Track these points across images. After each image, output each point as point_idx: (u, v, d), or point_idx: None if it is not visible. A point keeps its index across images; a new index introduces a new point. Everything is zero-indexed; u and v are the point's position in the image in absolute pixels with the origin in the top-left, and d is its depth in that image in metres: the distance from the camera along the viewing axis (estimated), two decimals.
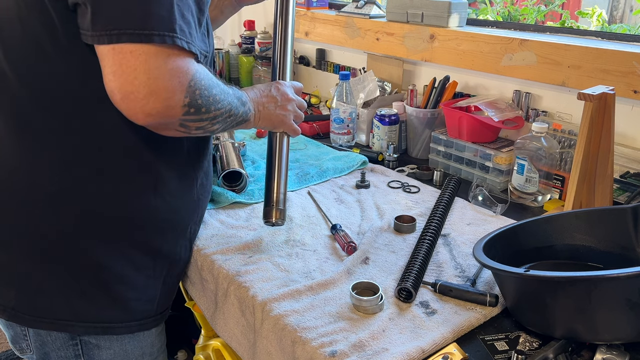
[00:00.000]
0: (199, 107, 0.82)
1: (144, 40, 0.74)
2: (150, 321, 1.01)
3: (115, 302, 0.95)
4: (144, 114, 0.77)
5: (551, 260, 1.01)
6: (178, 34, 0.77)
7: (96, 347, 0.96)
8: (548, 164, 1.29)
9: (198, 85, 0.80)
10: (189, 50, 0.79)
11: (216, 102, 0.85)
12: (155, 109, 0.77)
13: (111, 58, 0.75)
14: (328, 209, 1.26)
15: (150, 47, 0.74)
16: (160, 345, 1.08)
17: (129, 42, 0.73)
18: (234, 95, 0.92)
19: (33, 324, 0.93)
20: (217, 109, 0.86)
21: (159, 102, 0.76)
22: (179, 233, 1.02)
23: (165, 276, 1.02)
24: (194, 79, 0.79)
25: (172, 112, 0.78)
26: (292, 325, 0.87)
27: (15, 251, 0.90)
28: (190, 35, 0.80)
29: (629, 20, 2.58)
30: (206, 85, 0.82)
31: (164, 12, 0.75)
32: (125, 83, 0.75)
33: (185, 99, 0.79)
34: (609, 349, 0.77)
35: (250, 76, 2.22)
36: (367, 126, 1.69)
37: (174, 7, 0.76)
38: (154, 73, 0.75)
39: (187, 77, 0.78)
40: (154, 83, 0.75)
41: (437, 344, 0.83)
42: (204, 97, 0.82)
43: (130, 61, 0.74)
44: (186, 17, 0.79)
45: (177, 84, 0.77)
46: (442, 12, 1.63)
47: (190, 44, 0.79)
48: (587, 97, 1.07)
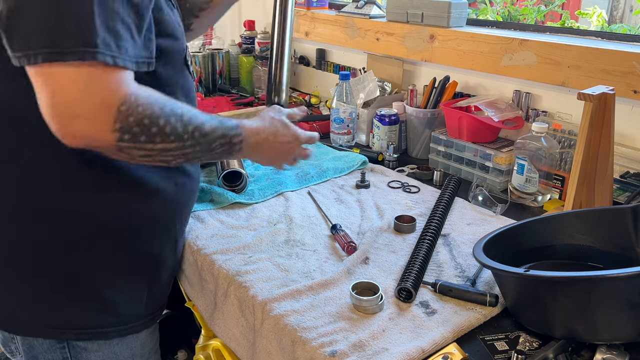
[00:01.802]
0: (136, 135, 0.75)
1: (59, 59, 0.69)
2: (140, 324, 1.01)
3: (103, 307, 0.94)
4: (70, 136, 0.73)
5: (551, 260, 1.01)
6: (100, 48, 0.71)
7: (84, 350, 0.95)
8: (548, 164, 1.29)
9: (132, 111, 0.74)
10: (118, 65, 0.73)
11: (164, 134, 0.77)
12: (80, 132, 0.73)
13: (36, 81, 0.72)
14: (328, 209, 1.26)
15: (70, 66, 0.70)
16: (152, 346, 1.07)
17: (46, 62, 0.69)
18: (212, 130, 0.84)
19: (21, 331, 0.93)
20: (168, 141, 0.78)
21: (83, 125, 0.72)
22: (162, 235, 1.00)
23: (151, 278, 1.01)
24: (125, 103, 0.73)
25: (102, 136, 0.73)
26: (292, 325, 0.87)
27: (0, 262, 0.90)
28: (119, 48, 0.73)
29: (629, 20, 2.58)
30: (146, 113, 0.75)
31: (80, 26, 0.70)
32: (49, 106, 0.71)
33: (115, 123, 0.73)
34: (609, 349, 0.77)
35: (250, 76, 2.22)
36: (367, 126, 1.69)
37: (94, 19, 0.71)
38: (76, 95, 0.71)
39: (115, 99, 0.73)
40: (76, 106, 0.71)
41: (437, 344, 0.83)
42: (141, 125, 0.75)
43: (51, 84, 0.70)
44: (113, 28, 0.73)
45: (103, 107, 0.72)
46: (442, 12, 1.63)
47: (116, 58, 0.72)
48: (587, 97, 1.07)
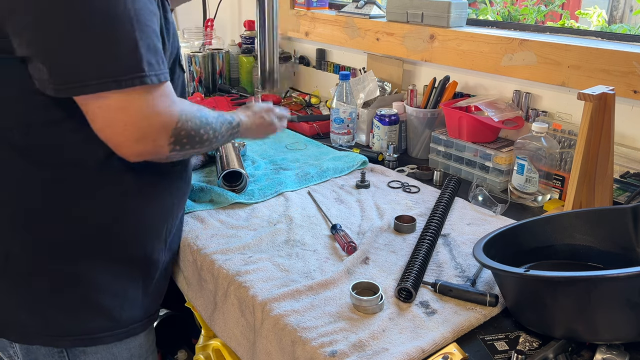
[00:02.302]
0: (184, 145, 0.86)
1: (113, 87, 0.74)
2: (137, 326, 1.01)
3: (99, 313, 0.95)
4: (135, 156, 0.83)
5: (551, 260, 1.01)
6: (147, 71, 0.77)
7: (82, 353, 0.96)
8: (548, 164, 1.29)
9: (184, 126, 0.84)
10: (161, 81, 0.80)
11: (202, 141, 0.89)
12: (146, 151, 0.82)
13: (95, 113, 0.77)
14: (328, 209, 1.26)
15: (126, 96, 0.76)
16: (149, 346, 1.07)
17: (97, 91, 0.74)
18: (225, 131, 0.97)
19: (19, 339, 0.94)
20: (204, 146, 0.91)
21: (147, 145, 0.81)
22: (152, 239, 1.01)
23: (144, 281, 1.01)
24: (180, 121, 0.83)
25: (160, 151, 0.83)
26: (292, 325, 0.87)
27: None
28: (158, 64, 0.80)
29: (629, 20, 2.58)
30: (192, 127, 0.86)
31: (128, 51, 0.75)
32: (114, 135, 0.79)
33: (171, 138, 0.83)
34: (609, 349, 0.77)
35: (250, 76, 2.22)
36: (367, 126, 1.69)
37: (138, 41, 0.76)
38: (140, 123, 0.78)
39: (172, 120, 0.82)
40: (141, 131, 0.79)
41: (437, 344, 0.83)
42: (189, 137, 0.86)
43: (115, 116, 0.77)
44: (152, 46, 0.79)
45: (163, 129, 0.81)
46: (442, 12, 1.63)
47: (159, 75, 0.79)
48: (587, 97, 1.06)
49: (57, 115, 0.82)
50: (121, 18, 0.74)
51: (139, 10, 0.76)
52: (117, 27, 0.74)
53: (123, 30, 0.74)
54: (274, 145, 1.68)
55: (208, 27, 2.27)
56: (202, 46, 2.27)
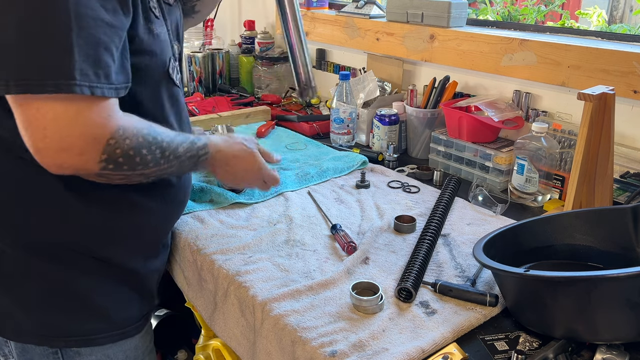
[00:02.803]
0: (119, 165, 0.78)
1: (35, 91, 0.69)
2: (132, 328, 1.01)
3: (92, 314, 0.95)
4: (56, 167, 0.75)
5: (551, 260, 1.01)
6: (78, 79, 0.70)
7: (77, 354, 0.95)
8: (548, 164, 1.29)
9: (120, 144, 0.76)
10: (96, 94, 0.72)
11: (145, 163, 0.81)
12: (68, 163, 0.74)
13: (20, 113, 0.72)
14: (328, 209, 1.26)
15: (50, 99, 0.70)
16: (145, 348, 1.06)
17: (21, 93, 0.70)
18: (184, 152, 0.87)
19: (13, 337, 0.94)
20: (147, 167, 0.82)
21: (71, 157, 0.73)
22: (146, 243, 1.01)
23: (138, 284, 1.01)
24: (114, 137, 0.75)
25: (87, 166, 0.76)
26: (292, 325, 0.87)
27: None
28: (99, 76, 0.72)
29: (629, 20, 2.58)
30: (131, 145, 0.78)
31: (58, 57, 0.69)
32: (36, 140, 0.72)
33: (103, 155, 0.75)
34: (609, 349, 0.77)
35: (250, 76, 2.22)
36: (367, 126, 1.69)
37: (73, 49, 0.70)
38: (64, 131, 0.71)
39: (104, 134, 0.74)
40: (65, 141, 0.72)
41: (437, 344, 0.83)
42: (127, 157, 0.78)
43: (39, 119, 0.71)
44: (94, 56, 0.72)
45: (92, 142, 0.74)
46: (442, 12, 1.63)
47: (94, 89, 0.72)
48: (587, 97, 1.06)
49: None
50: (58, 22, 0.69)
51: (82, 17, 0.71)
52: (51, 31, 0.69)
53: (58, 34, 0.69)
54: (274, 145, 1.68)
55: (208, 27, 2.27)
56: (202, 46, 2.27)
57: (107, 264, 0.94)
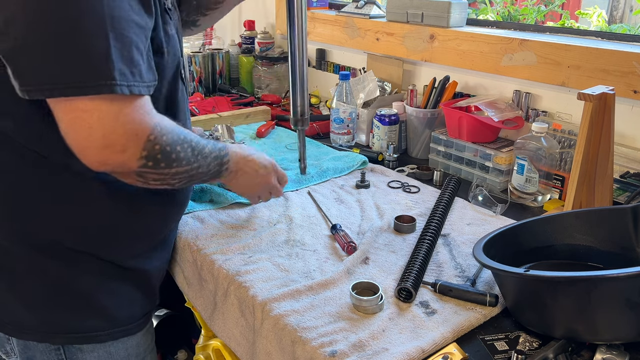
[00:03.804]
0: (158, 161, 0.81)
1: (78, 93, 0.72)
2: (134, 326, 1.01)
3: (95, 312, 0.95)
4: (98, 164, 0.78)
5: (551, 260, 1.01)
6: (117, 80, 0.74)
7: (79, 350, 0.96)
8: (548, 164, 1.29)
9: (159, 140, 0.79)
10: (134, 93, 0.76)
11: (180, 160, 0.84)
12: (111, 160, 0.77)
13: (63, 115, 0.74)
14: (328, 209, 1.26)
15: (94, 100, 0.73)
16: (147, 345, 1.07)
17: (63, 96, 0.72)
18: (208, 154, 0.91)
19: (15, 333, 0.94)
20: (181, 165, 0.85)
21: (114, 154, 0.76)
22: (147, 242, 1.01)
23: (140, 282, 1.01)
24: (153, 133, 0.79)
25: (129, 163, 0.78)
26: (292, 325, 0.87)
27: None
28: (134, 75, 0.76)
29: (629, 20, 2.58)
30: (168, 141, 0.81)
31: (98, 59, 0.72)
32: (81, 139, 0.75)
33: (143, 151, 0.78)
34: (609, 349, 0.77)
35: (250, 76, 2.22)
36: (367, 126, 1.69)
37: (111, 51, 0.73)
38: (108, 129, 0.75)
39: (144, 130, 0.78)
40: (108, 138, 0.75)
41: (437, 344, 0.83)
42: (164, 153, 0.81)
43: (84, 119, 0.74)
44: (129, 57, 0.76)
45: (134, 138, 0.77)
46: (442, 12, 1.63)
47: (132, 87, 0.76)
48: (587, 97, 1.07)
49: (43, 116, 0.81)
50: (95, 25, 0.72)
51: (116, 19, 0.74)
52: (89, 34, 0.72)
53: (95, 37, 0.72)
54: (274, 145, 1.68)
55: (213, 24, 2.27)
56: (202, 46, 2.28)
57: (109, 262, 0.95)
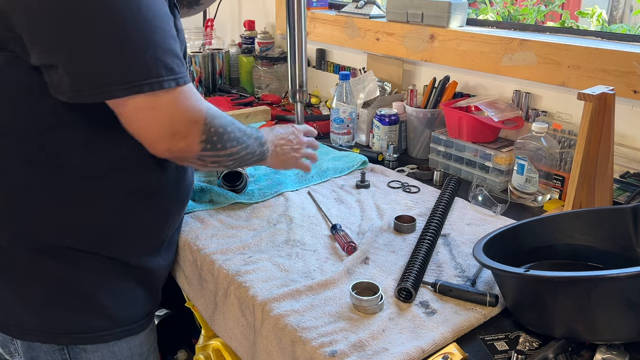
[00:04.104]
0: (215, 143, 0.88)
1: (136, 91, 0.76)
2: (137, 326, 1.01)
3: (98, 312, 0.95)
4: (167, 152, 0.85)
5: (551, 260, 1.01)
6: (164, 75, 0.78)
7: (83, 350, 0.96)
8: (548, 164, 1.29)
9: (212, 123, 0.86)
10: (180, 84, 0.81)
11: (232, 140, 0.91)
12: (177, 147, 0.84)
13: (133, 115, 0.80)
14: (328, 209, 1.26)
15: (152, 97, 0.78)
16: (150, 345, 1.07)
17: (124, 96, 0.77)
18: (251, 135, 0.99)
19: (19, 335, 0.94)
20: (233, 146, 0.92)
21: (179, 141, 0.83)
22: (150, 242, 1.01)
23: (142, 282, 1.01)
24: (207, 117, 0.85)
25: (191, 148, 0.85)
26: (292, 325, 0.87)
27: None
28: (178, 66, 0.81)
29: (629, 20, 2.58)
30: (220, 124, 0.88)
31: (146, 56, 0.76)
32: (150, 133, 0.82)
33: (202, 135, 0.85)
34: (609, 349, 0.77)
35: (250, 76, 2.22)
36: (367, 126, 1.69)
37: (156, 47, 0.77)
38: (171, 120, 0.81)
39: (201, 116, 0.84)
40: (173, 127, 0.82)
41: (437, 344, 0.83)
42: (219, 134, 0.88)
43: (149, 115, 0.80)
44: (169, 50, 0.80)
45: (194, 124, 0.84)
46: (442, 12, 1.63)
47: (178, 79, 0.81)
48: (587, 97, 1.07)
49: (59, 120, 0.83)
50: (139, 23, 0.76)
51: (156, 14, 0.78)
52: (136, 32, 0.76)
53: (142, 35, 0.76)
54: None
55: (208, 27, 2.27)
56: (202, 46, 2.28)
57: (111, 262, 0.95)
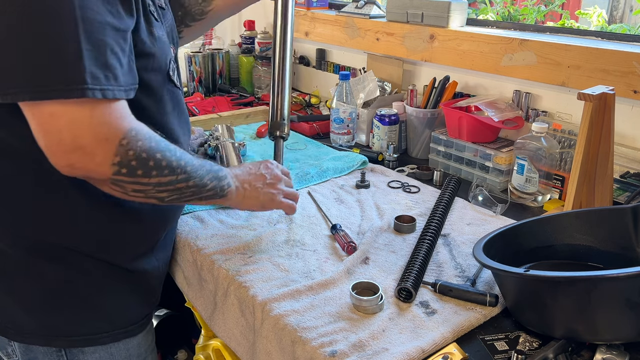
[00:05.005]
0: (133, 168, 0.77)
1: (47, 97, 0.71)
2: (135, 327, 1.01)
3: (95, 314, 0.95)
4: (68, 167, 0.76)
5: (551, 260, 1.01)
6: (89, 83, 0.71)
7: (81, 352, 0.96)
8: (548, 164, 1.29)
9: (132, 145, 0.76)
10: (107, 97, 0.74)
11: (160, 168, 0.80)
12: (79, 164, 0.75)
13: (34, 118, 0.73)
14: (328, 209, 1.26)
15: (62, 104, 0.71)
16: (147, 346, 1.07)
17: (33, 100, 0.71)
18: (202, 167, 0.88)
19: (16, 337, 0.94)
20: (163, 175, 0.80)
21: (82, 158, 0.74)
22: (145, 245, 1.00)
23: (139, 284, 1.01)
24: (126, 137, 0.76)
25: (100, 168, 0.76)
26: (292, 325, 0.87)
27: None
28: (108, 79, 0.74)
29: (629, 20, 2.58)
30: (144, 147, 0.77)
31: (67, 63, 0.71)
32: (51, 143, 0.73)
33: (115, 157, 0.75)
34: (609, 349, 0.77)
35: (250, 76, 2.22)
36: (367, 126, 1.69)
37: (82, 54, 0.71)
38: (78, 132, 0.73)
39: (116, 134, 0.75)
40: (77, 142, 0.73)
41: (437, 344, 0.83)
42: (140, 159, 0.77)
43: (53, 123, 0.72)
44: (103, 60, 0.73)
45: (103, 142, 0.74)
46: (442, 12, 1.63)
47: (106, 91, 0.73)
48: (587, 97, 1.06)
49: None
50: (65, 28, 0.71)
51: (88, 22, 0.72)
52: (59, 37, 0.70)
53: (66, 40, 0.71)
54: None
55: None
56: (202, 46, 2.28)
57: (108, 265, 0.94)
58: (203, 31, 1.29)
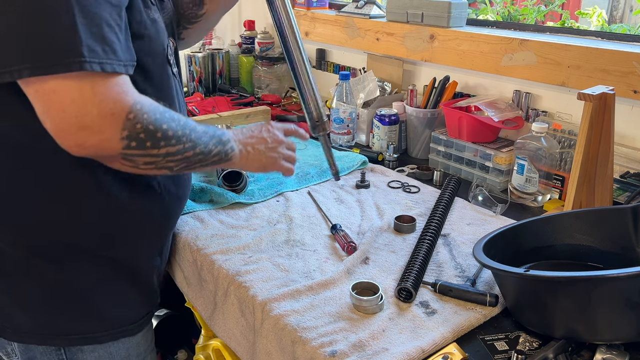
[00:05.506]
0: (142, 141, 0.76)
1: (46, 72, 0.69)
2: (134, 327, 1.01)
3: (94, 313, 0.95)
4: (77, 147, 0.74)
5: (551, 260, 1.01)
6: (87, 57, 0.70)
7: (80, 351, 0.96)
8: (548, 164, 1.29)
9: (139, 118, 0.75)
10: (106, 71, 0.72)
11: (168, 138, 0.79)
12: (89, 142, 0.74)
13: (37, 98, 0.72)
14: (328, 209, 1.26)
15: (62, 79, 0.70)
16: (147, 345, 1.07)
17: (32, 76, 0.70)
18: (205, 132, 0.87)
19: (14, 337, 0.94)
20: (171, 145, 0.80)
21: (91, 136, 0.73)
22: (145, 243, 1.00)
23: (138, 283, 1.01)
24: (132, 111, 0.75)
25: (109, 144, 0.75)
26: (292, 325, 0.87)
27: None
28: (107, 52, 0.73)
29: (629, 20, 2.58)
30: (151, 120, 0.77)
31: (63, 36, 0.70)
32: (56, 122, 0.72)
33: (123, 131, 0.74)
34: (609, 349, 0.77)
35: (250, 76, 2.22)
36: (367, 126, 1.69)
37: (77, 27, 0.70)
38: (82, 110, 0.71)
39: (122, 108, 0.74)
40: (84, 119, 0.71)
41: (437, 344, 0.83)
42: (148, 132, 0.76)
43: (56, 101, 0.71)
44: (99, 34, 0.72)
45: (111, 117, 0.73)
46: (442, 12, 1.63)
47: (104, 64, 0.72)
48: (587, 97, 1.07)
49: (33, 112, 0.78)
50: (59, 3, 0.70)
51: None
52: (53, 11, 0.69)
53: (60, 13, 0.70)
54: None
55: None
56: (202, 46, 2.27)
57: (107, 263, 0.94)
58: (204, 32, 1.30)
